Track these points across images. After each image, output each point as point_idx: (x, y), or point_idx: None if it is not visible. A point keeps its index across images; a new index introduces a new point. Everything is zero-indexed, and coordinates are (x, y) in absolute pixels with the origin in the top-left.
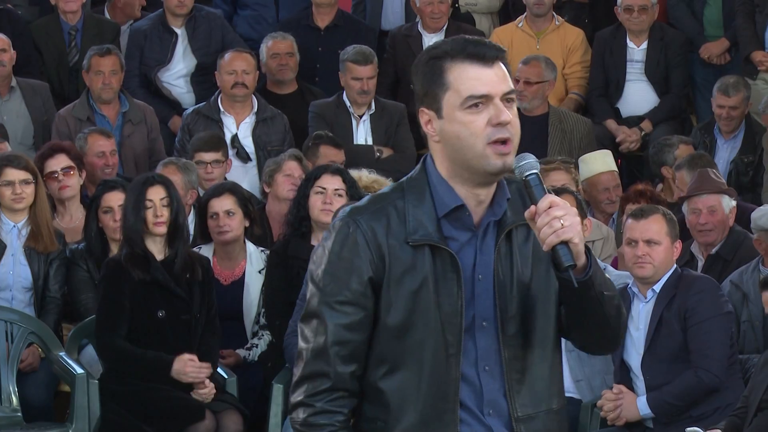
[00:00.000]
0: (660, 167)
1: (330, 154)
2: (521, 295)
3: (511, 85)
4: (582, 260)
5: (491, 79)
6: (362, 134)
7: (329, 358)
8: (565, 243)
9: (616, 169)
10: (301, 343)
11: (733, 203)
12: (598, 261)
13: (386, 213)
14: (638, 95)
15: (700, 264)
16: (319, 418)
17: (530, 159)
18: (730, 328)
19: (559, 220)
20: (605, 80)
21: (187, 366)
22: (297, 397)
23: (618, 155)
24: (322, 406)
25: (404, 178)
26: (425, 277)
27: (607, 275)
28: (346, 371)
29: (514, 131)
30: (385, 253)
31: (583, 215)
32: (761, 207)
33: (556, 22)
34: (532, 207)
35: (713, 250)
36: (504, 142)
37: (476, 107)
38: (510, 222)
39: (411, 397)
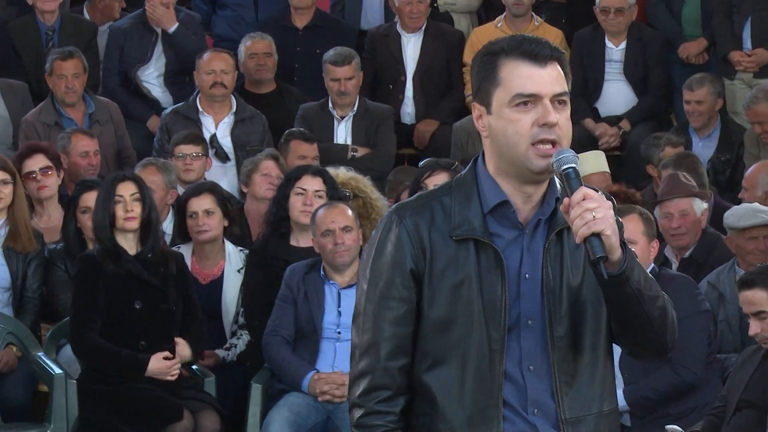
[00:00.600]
0: (647, 165)
1: (301, 149)
2: (570, 297)
3: (565, 87)
4: (616, 255)
5: (543, 78)
6: (342, 134)
7: (377, 354)
8: (597, 235)
9: (608, 170)
10: (354, 340)
11: (705, 205)
12: None
13: (431, 208)
14: (617, 95)
15: (674, 267)
16: (371, 419)
17: (568, 153)
18: (708, 326)
19: (591, 212)
20: (584, 80)
21: (163, 364)
22: (351, 398)
23: None
24: (374, 406)
25: (454, 178)
26: (468, 272)
27: (650, 277)
28: (395, 366)
29: (563, 133)
30: (427, 246)
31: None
32: (734, 207)
33: (535, 23)
34: (566, 199)
35: (686, 253)
36: (551, 144)
37: (524, 105)
38: (561, 222)
39: (454, 392)
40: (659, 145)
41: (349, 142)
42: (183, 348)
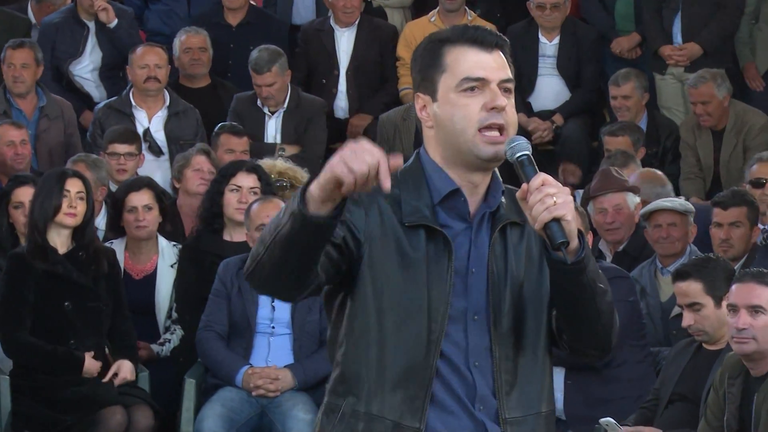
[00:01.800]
0: None
1: (230, 143)
2: (514, 294)
3: (510, 74)
4: (575, 242)
5: (489, 64)
6: (272, 131)
7: None
8: (558, 220)
9: None
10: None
11: (638, 200)
12: None
13: (376, 200)
14: (550, 89)
15: (608, 260)
16: None
17: (521, 140)
18: (635, 316)
19: (551, 197)
20: (517, 74)
21: (97, 365)
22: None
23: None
24: None
25: (396, 171)
26: (418, 257)
27: (599, 270)
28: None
29: (510, 120)
30: (380, 220)
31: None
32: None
33: (469, 17)
34: (524, 185)
35: (620, 247)
36: (498, 129)
37: (471, 91)
38: (505, 217)
39: (385, 375)
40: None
41: (278, 138)
42: (125, 370)
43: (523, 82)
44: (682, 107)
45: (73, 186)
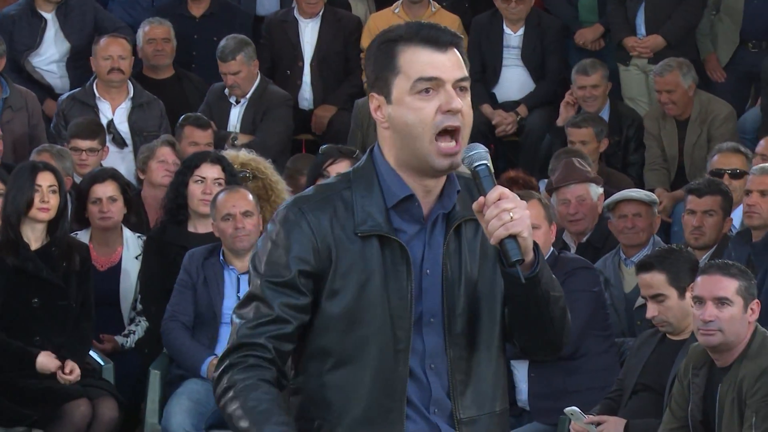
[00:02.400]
0: None
1: (194, 136)
2: (468, 293)
3: (465, 72)
4: (530, 256)
5: (444, 63)
6: (234, 120)
7: (268, 332)
8: (514, 237)
9: None
10: (236, 321)
11: (601, 190)
12: None
13: (333, 203)
14: (514, 80)
15: (572, 251)
16: (248, 372)
17: (480, 149)
18: (599, 307)
19: (508, 213)
20: (482, 65)
21: (53, 364)
22: (224, 362)
23: (493, 140)
24: (253, 361)
25: (350, 169)
26: (374, 269)
27: (553, 276)
28: (281, 350)
29: (466, 122)
30: (332, 244)
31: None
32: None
33: (432, 9)
34: (481, 198)
35: (584, 239)
36: (452, 133)
37: (426, 93)
38: (459, 216)
39: (355, 393)
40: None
41: (238, 127)
42: (74, 372)
43: (488, 73)
44: (646, 98)
45: (45, 180)
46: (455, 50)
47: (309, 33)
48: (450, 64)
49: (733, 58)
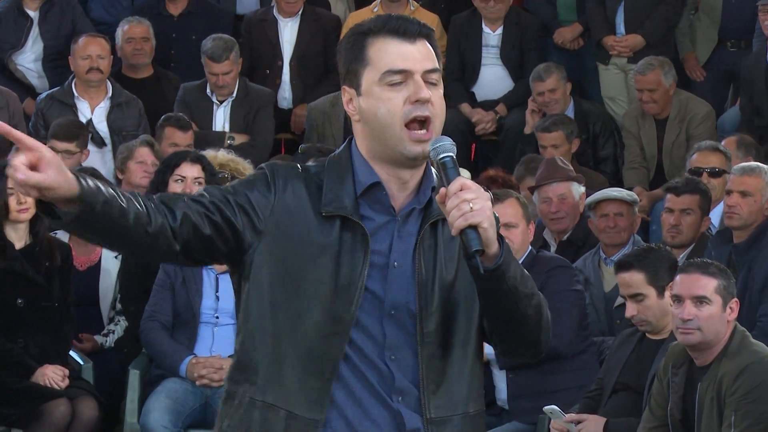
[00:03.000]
0: None
1: (174, 137)
2: (443, 292)
3: (436, 64)
4: (493, 248)
5: (413, 54)
6: (220, 120)
7: (192, 203)
8: (474, 227)
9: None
10: None
11: (582, 189)
12: None
13: (304, 179)
14: (493, 79)
15: (553, 250)
16: (139, 197)
17: (446, 141)
18: (581, 305)
19: (468, 204)
20: (461, 64)
21: (49, 375)
22: None
23: (473, 139)
24: (151, 203)
25: (327, 158)
26: (326, 246)
27: (526, 274)
28: (194, 221)
29: (436, 111)
30: (290, 210)
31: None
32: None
33: (411, 7)
34: (443, 189)
35: (564, 237)
36: (423, 122)
37: (396, 85)
38: (436, 213)
39: (282, 364)
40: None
41: (227, 127)
42: (57, 379)
43: (467, 72)
44: (626, 97)
45: None
46: (425, 41)
47: (288, 32)
48: (420, 56)
49: (712, 57)
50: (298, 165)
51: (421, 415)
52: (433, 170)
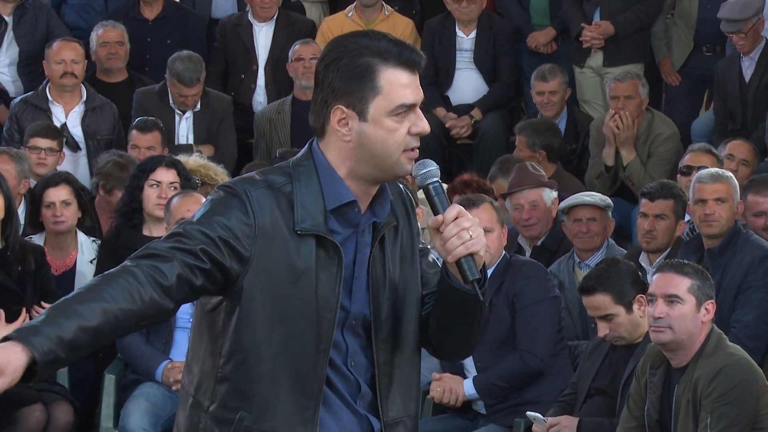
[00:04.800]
0: None
1: (136, 140)
2: (392, 299)
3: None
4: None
5: (417, 87)
6: (184, 131)
7: (182, 257)
8: (471, 255)
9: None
10: (159, 243)
11: (554, 194)
12: (432, 251)
13: (275, 195)
14: (468, 83)
15: (527, 255)
16: (125, 273)
17: (432, 166)
18: (557, 312)
19: (467, 232)
20: (435, 69)
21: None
22: (127, 260)
23: (448, 143)
24: (140, 272)
25: (287, 163)
26: (307, 267)
27: None
28: (187, 277)
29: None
30: (269, 233)
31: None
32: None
33: (386, 12)
34: (439, 216)
35: (539, 242)
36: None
37: (402, 115)
38: (385, 224)
39: (276, 390)
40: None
41: (191, 138)
42: None
43: (441, 76)
44: (602, 101)
45: None
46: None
47: (263, 36)
48: (418, 87)
49: (687, 62)
50: (264, 179)
51: (377, 417)
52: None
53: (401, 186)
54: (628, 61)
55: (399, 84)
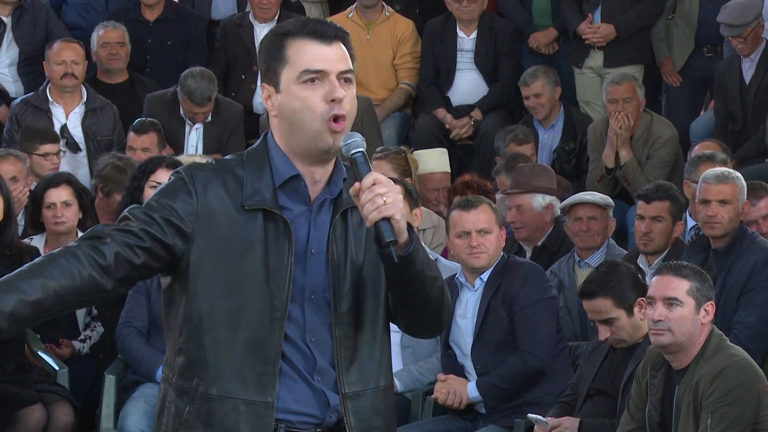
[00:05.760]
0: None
1: (132, 141)
2: (354, 275)
3: (350, 65)
4: (404, 237)
5: (329, 56)
6: (193, 141)
7: (120, 235)
8: (387, 219)
9: (449, 170)
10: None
11: (547, 200)
12: (428, 250)
13: (223, 177)
14: (468, 84)
15: (528, 255)
16: (65, 253)
17: (356, 138)
18: (555, 312)
19: (381, 197)
20: (436, 69)
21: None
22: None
23: (448, 144)
24: (79, 251)
25: (245, 150)
26: (254, 240)
27: (431, 258)
28: (124, 255)
29: (349, 109)
30: (214, 211)
31: (413, 204)
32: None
33: (386, 13)
34: (357, 184)
35: (539, 242)
36: (337, 119)
37: (312, 83)
38: (346, 203)
39: (230, 356)
40: (505, 140)
41: (200, 149)
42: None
43: (441, 77)
44: (601, 101)
45: None
46: (341, 44)
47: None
48: (335, 57)
49: (688, 63)
50: (213, 161)
51: (336, 392)
52: (344, 164)
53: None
54: (628, 62)
55: (304, 53)
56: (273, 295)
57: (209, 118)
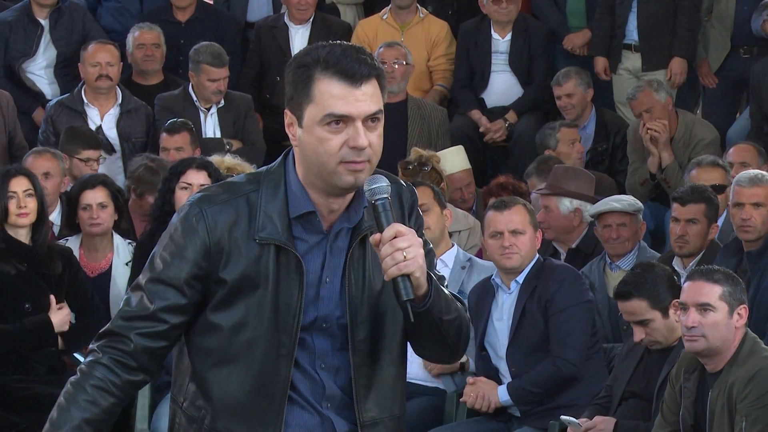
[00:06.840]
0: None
1: (164, 141)
2: (372, 302)
3: (380, 105)
4: (423, 289)
5: (356, 99)
6: (210, 127)
7: (139, 329)
8: (407, 276)
9: (468, 166)
10: (123, 306)
11: (574, 205)
12: (462, 252)
13: (236, 206)
14: (503, 86)
15: (563, 257)
16: (95, 369)
17: (382, 182)
18: (591, 316)
19: (402, 253)
20: (470, 71)
21: (61, 316)
22: (93, 344)
23: (483, 145)
24: (107, 360)
25: (264, 168)
26: (266, 276)
27: (450, 298)
28: (149, 346)
29: (372, 153)
30: (226, 246)
31: (442, 206)
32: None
33: (420, 15)
34: (377, 235)
35: (573, 244)
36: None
37: (336, 125)
38: (365, 227)
39: (235, 391)
40: (555, 128)
41: (218, 133)
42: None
43: (476, 79)
44: None
45: (19, 185)
46: (373, 81)
47: (299, 39)
48: (363, 100)
49: (725, 64)
50: (227, 189)
51: (353, 420)
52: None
53: (403, 185)
54: (666, 65)
55: (330, 94)
56: (281, 332)
57: (222, 103)
